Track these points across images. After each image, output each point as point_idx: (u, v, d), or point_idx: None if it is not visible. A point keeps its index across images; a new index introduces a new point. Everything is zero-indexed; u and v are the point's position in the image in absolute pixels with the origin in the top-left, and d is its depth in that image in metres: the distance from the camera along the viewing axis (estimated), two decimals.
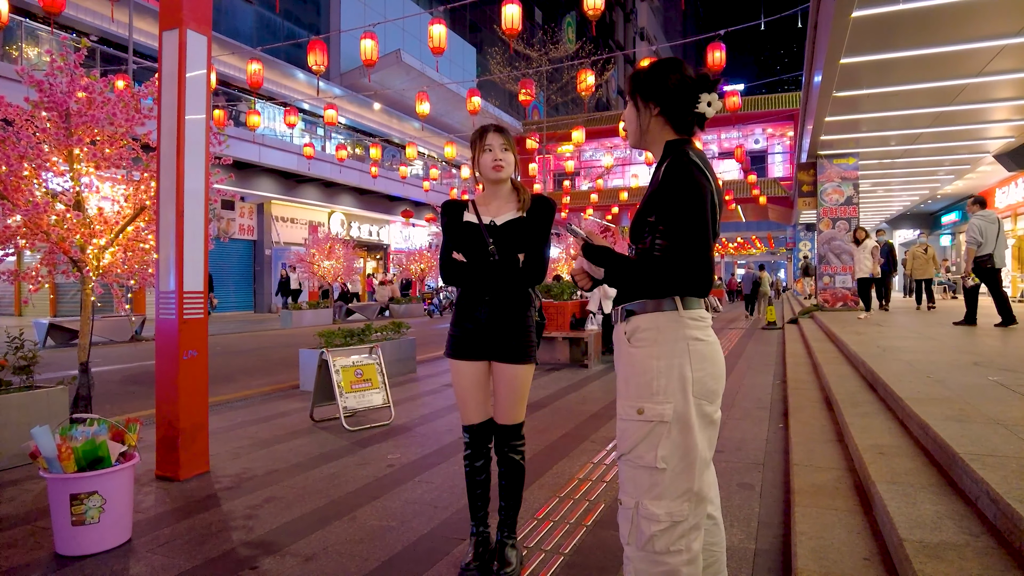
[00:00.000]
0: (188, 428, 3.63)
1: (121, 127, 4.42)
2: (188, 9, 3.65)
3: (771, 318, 14.10)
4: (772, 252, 49.70)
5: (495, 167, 2.38)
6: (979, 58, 8.52)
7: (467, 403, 2.44)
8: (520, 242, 2.39)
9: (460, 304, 2.45)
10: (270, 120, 22.25)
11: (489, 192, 2.47)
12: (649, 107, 1.72)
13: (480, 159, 2.41)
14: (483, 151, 2.40)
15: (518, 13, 9.06)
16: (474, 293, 2.40)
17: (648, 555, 1.58)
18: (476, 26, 37.64)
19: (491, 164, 2.38)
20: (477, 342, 2.39)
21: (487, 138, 2.39)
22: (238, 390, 6.59)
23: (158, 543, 2.71)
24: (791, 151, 27.28)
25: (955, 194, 20.58)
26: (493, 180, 2.42)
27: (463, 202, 2.49)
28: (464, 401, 2.44)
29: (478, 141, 2.42)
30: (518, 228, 2.39)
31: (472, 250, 2.40)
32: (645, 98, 1.73)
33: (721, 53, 11.12)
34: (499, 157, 2.38)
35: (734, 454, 3.97)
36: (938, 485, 2.58)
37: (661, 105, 1.70)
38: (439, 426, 4.88)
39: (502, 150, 2.39)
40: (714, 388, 1.63)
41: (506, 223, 2.39)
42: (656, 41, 60.83)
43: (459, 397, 2.46)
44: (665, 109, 1.70)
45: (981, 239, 8.13)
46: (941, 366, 4.91)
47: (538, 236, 2.41)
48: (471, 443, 2.47)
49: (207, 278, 3.83)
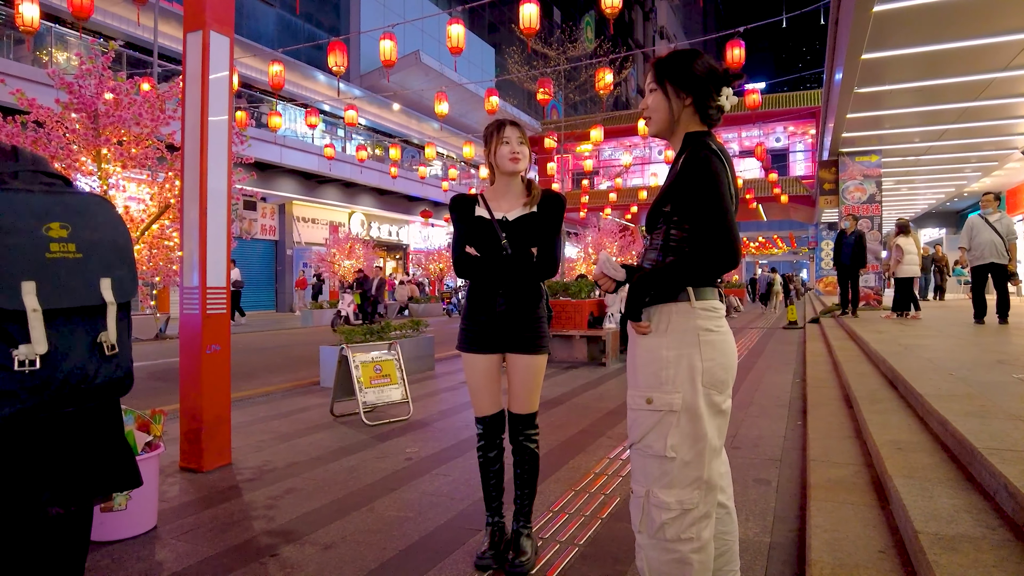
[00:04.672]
0: (211, 421, 3.71)
1: (147, 127, 4.54)
2: (211, 11, 3.74)
3: (792, 317, 13.95)
4: (794, 252, 49.13)
5: (513, 159, 2.39)
6: (1005, 52, 8.38)
7: (480, 395, 2.47)
8: (532, 237, 2.42)
9: (473, 298, 2.47)
10: (291, 121, 22.54)
11: (501, 186, 2.48)
12: (681, 96, 1.71)
13: (497, 151, 2.42)
14: (501, 143, 2.41)
15: (536, 12, 9.08)
16: (488, 287, 2.42)
17: (659, 543, 1.60)
18: (494, 26, 37.73)
19: (509, 156, 2.40)
20: (491, 335, 2.42)
21: (504, 131, 2.41)
22: (260, 386, 6.69)
23: (182, 531, 2.79)
24: (813, 149, 26.95)
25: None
26: (510, 172, 2.43)
27: (472, 196, 2.50)
28: (477, 393, 2.48)
29: (495, 133, 2.43)
30: (530, 223, 2.41)
31: (485, 245, 2.42)
32: (678, 86, 1.71)
33: (740, 50, 11.03)
34: (516, 149, 2.40)
35: (751, 450, 3.96)
36: (956, 480, 2.56)
37: (693, 95, 1.70)
38: (457, 421, 4.93)
39: (519, 143, 2.41)
40: (723, 378, 1.65)
41: (518, 219, 2.42)
42: (675, 39, 60.45)
43: (472, 389, 2.50)
44: (696, 99, 1.70)
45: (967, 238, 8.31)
46: (964, 363, 4.84)
47: (550, 231, 2.43)
48: (484, 434, 2.52)
49: (229, 285, 3.91)
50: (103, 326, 1.24)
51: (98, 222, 1.25)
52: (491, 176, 2.51)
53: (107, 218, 1.27)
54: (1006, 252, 8.08)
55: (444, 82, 20.06)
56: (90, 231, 1.23)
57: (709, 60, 1.71)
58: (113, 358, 1.24)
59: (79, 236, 1.20)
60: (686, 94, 1.70)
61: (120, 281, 1.27)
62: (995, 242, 8.07)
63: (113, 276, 1.26)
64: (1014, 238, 8.21)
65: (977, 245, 8.21)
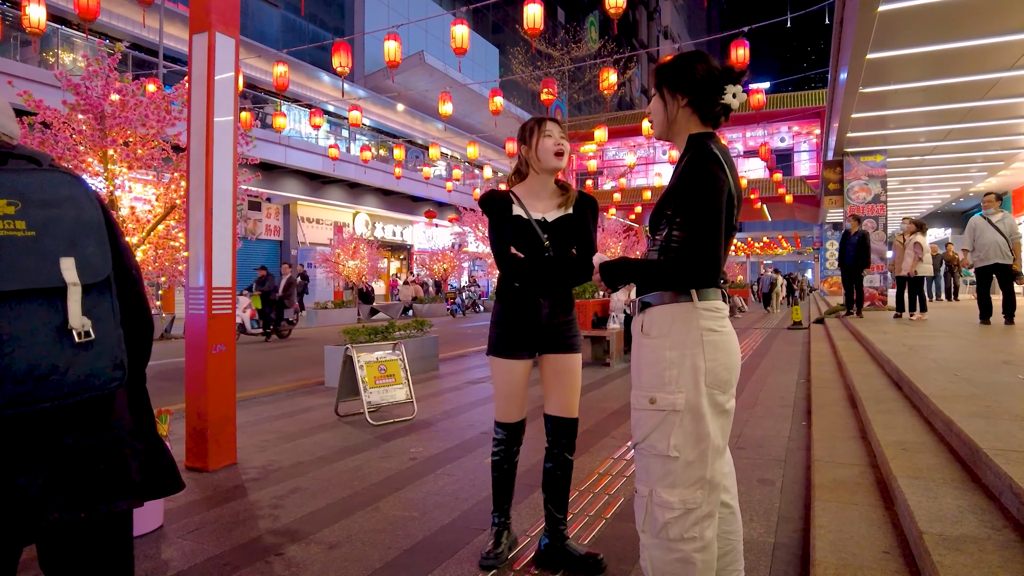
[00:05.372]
0: (217, 420, 3.73)
1: (152, 128, 4.56)
2: (217, 12, 3.75)
3: (797, 318, 13.91)
4: (799, 252, 48.99)
5: (558, 152, 2.33)
6: (1011, 52, 8.35)
7: (513, 400, 2.39)
8: (572, 239, 2.37)
9: (512, 300, 2.37)
10: (296, 122, 22.58)
11: (536, 185, 2.41)
12: (677, 98, 1.72)
13: (540, 144, 2.34)
14: (544, 136, 2.33)
15: (540, 13, 9.08)
16: (531, 289, 2.33)
17: (662, 542, 1.60)
18: (498, 26, 37.75)
19: (554, 149, 2.32)
20: (531, 338, 2.35)
21: (546, 126, 2.34)
22: (265, 386, 6.72)
23: (188, 529, 2.80)
24: (817, 149, 26.88)
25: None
26: (552, 168, 2.35)
27: (506, 194, 2.39)
28: (511, 398, 2.38)
29: (536, 128, 2.35)
30: (569, 225, 2.37)
31: (526, 246, 2.32)
32: (672, 89, 1.73)
33: (745, 50, 11.00)
34: (559, 142, 2.34)
35: (755, 451, 3.96)
36: (961, 480, 2.56)
37: (689, 96, 1.70)
38: (461, 421, 4.94)
39: (560, 137, 2.36)
40: (727, 378, 1.65)
41: (557, 220, 2.36)
42: (680, 39, 60.37)
43: (505, 394, 2.39)
44: (693, 100, 1.70)
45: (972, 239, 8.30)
46: (969, 364, 4.83)
47: (588, 233, 2.39)
48: (506, 440, 2.43)
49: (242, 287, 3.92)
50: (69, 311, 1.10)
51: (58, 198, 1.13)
52: (519, 175, 2.43)
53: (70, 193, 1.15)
54: (1010, 252, 8.05)
55: (448, 82, 20.07)
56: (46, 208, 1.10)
57: (711, 61, 1.72)
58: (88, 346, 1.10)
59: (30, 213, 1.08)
60: (682, 95, 1.71)
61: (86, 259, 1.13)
62: (999, 243, 8.04)
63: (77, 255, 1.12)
64: (1018, 238, 8.18)
65: (981, 246, 8.19)
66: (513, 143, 19.72)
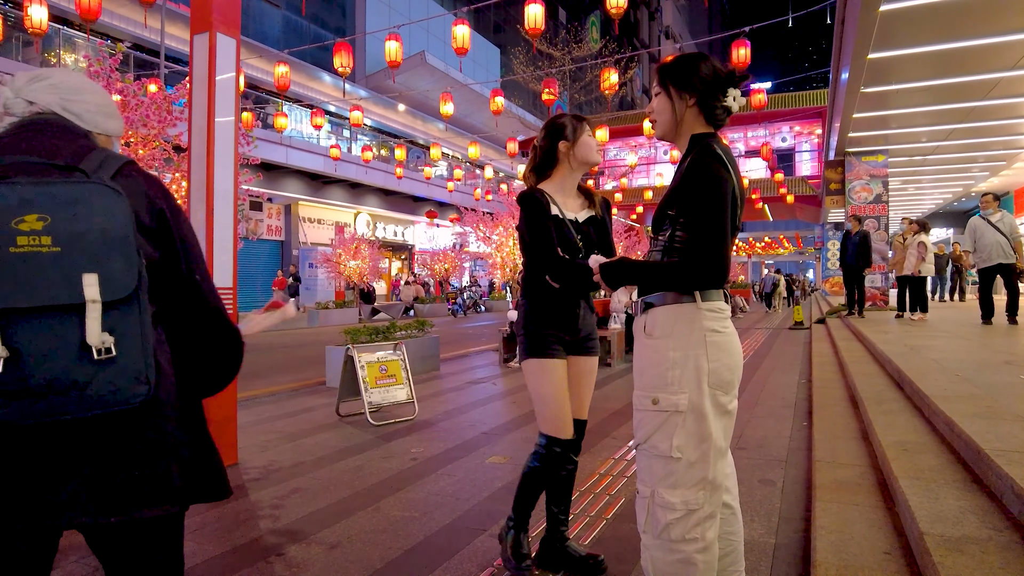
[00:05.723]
0: (217, 421, 3.72)
1: (154, 128, 4.56)
2: (218, 12, 3.76)
3: (798, 318, 13.90)
4: (800, 252, 48.96)
5: (600, 150, 2.36)
6: (1012, 51, 8.33)
7: (564, 408, 2.25)
8: (600, 240, 2.38)
9: (548, 301, 2.28)
10: (297, 122, 22.62)
11: (569, 182, 2.38)
12: (684, 98, 1.72)
13: (581, 141, 2.31)
14: (584, 133, 2.32)
15: (541, 13, 9.07)
16: (571, 291, 2.28)
17: (664, 543, 1.60)
18: (499, 27, 37.76)
19: (596, 147, 2.34)
20: (570, 340, 2.33)
21: (586, 122, 2.34)
22: (266, 386, 6.72)
23: (189, 530, 2.80)
24: (819, 149, 26.87)
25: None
26: (592, 163, 2.35)
27: (543, 192, 2.30)
28: (563, 406, 2.25)
29: (577, 126, 2.32)
30: (598, 226, 2.38)
31: (562, 247, 2.24)
32: (680, 88, 1.72)
33: (746, 50, 10.99)
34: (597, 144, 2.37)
35: (756, 451, 3.96)
36: (962, 481, 2.55)
37: (697, 96, 1.70)
38: (462, 422, 4.94)
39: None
40: (729, 379, 1.65)
41: (587, 220, 2.37)
42: (681, 39, 60.37)
43: (556, 401, 2.24)
44: (700, 100, 1.70)
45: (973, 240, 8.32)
46: (970, 364, 4.82)
47: (610, 234, 2.42)
48: (561, 455, 2.27)
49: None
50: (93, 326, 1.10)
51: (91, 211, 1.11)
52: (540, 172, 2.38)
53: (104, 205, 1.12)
54: (1012, 251, 8.04)
55: (449, 82, 20.08)
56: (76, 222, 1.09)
57: (714, 62, 1.72)
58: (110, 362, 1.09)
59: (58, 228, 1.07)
60: (689, 95, 1.71)
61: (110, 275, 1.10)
62: (1000, 242, 8.03)
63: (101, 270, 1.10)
64: (1019, 236, 8.17)
65: (983, 247, 8.17)
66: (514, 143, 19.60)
